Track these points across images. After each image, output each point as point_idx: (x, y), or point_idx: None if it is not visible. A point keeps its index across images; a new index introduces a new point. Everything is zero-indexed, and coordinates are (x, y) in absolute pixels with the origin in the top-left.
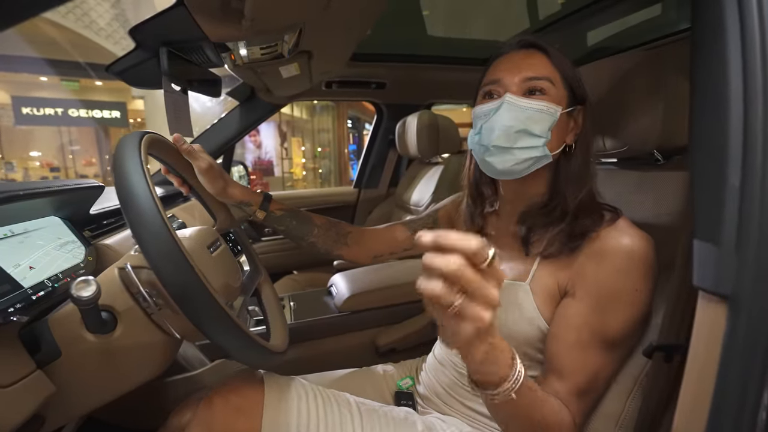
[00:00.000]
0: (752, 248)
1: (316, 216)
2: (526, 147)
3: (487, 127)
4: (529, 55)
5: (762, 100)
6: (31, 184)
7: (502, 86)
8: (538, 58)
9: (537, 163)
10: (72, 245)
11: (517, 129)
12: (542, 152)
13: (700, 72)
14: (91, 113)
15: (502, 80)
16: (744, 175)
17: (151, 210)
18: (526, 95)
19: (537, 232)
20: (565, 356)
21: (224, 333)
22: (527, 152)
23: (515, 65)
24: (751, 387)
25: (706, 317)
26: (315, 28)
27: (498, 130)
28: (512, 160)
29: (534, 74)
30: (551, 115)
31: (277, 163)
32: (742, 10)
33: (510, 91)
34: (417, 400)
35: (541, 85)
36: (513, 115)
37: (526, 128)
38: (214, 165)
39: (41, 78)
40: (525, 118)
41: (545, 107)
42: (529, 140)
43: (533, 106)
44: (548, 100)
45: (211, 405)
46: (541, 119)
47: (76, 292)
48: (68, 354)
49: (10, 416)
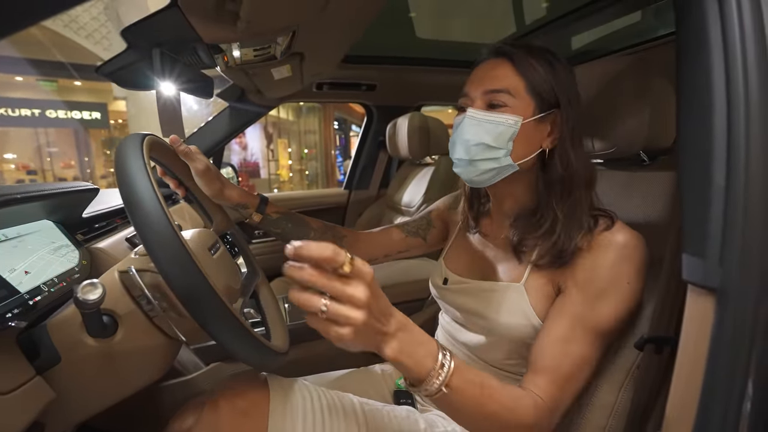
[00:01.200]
0: (737, 242)
1: (311, 219)
2: (485, 159)
3: (452, 141)
4: (496, 65)
5: (744, 103)
6: (26, 186)
7: (470, 99)
8: (502, 68)
9: (501, 173)
10: (66, 249)
11: (474, 143)
12: (504, 162)
13: (685, 76)
14: (70, 114)
15: (469, 94)
16: (728, 175)
17: (158, 213)
18: (487, 108)
19: (528, 240)
20: (549, 348)
21: (231, 334)
22: (487, 164)
23: (480, 78)
24: (738, 377)
25: (695, 310)
26: (308, 31)
27: (459, 144)
28: (474, 172)
29: (493, 87)
30: (510, 127)
31: (263, 165)
32: (724, 18)
33: (474, 105)
34: (416, 398)
35: (499, 98)
36: (473, 129)
37: (482, 141)
38: (211, 167)
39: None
40: (482, 132)
41: (503, 119)
42: (488, 152)
43: (492, 120)
44: (509, 112)
45: (216, 408)
46: (499, 132)
47: (82, 295)
48: (68, 359)
49: (11, 424)
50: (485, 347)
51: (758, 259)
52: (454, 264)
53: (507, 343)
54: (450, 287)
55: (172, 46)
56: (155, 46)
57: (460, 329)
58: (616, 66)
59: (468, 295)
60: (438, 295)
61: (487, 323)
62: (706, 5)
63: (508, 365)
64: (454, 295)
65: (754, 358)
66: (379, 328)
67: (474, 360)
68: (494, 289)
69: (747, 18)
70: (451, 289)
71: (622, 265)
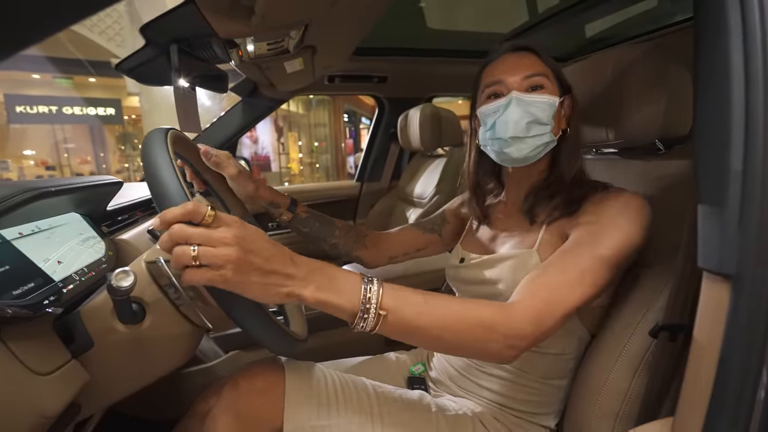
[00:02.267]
0: (754, 229)
1: (336, 219)
2: (537, 135)
3: (501, 122)
4: (523, 56)
5: (763, 88)
6: (56, 180)
7: (505, 86)
8: (531, 58)
9: (546, 148)
10: (93, 240)
11: (527, 120)
12: (550, 138)
13: (703, 62)
14: (85, 111)
15: (505, 80)
16: (746, 160)
17: None
18: (528, 91)
19: (540, 204)
20: (539, 269)
21: (254, 321)
22: (538, 139)
23: (513, 66)
24: (753, 364)
25: (710, 297)
26: (320, 24)
27: (512, 123)
28: (527, 148)
29: (530, 72)
30: (552, 105)
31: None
32: (744, 2)
33: (514, 89)
34: (429, 384)
35: (539, 81)
36: (522, 108)
37: (535, 118)
38: (243, 169)
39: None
40: (533, 110)
41: (546, 99)
42: (539, 128)
43: (538, 100)
44: (547, 93)
45: (236, 387)
46: (545, 109)
47: (116, 282)
48: (100, 344)
49: (52, 403)
50: None
51: None
52: (470, 246)
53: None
54: (466, 264)
55: (188, 42)
56: (172, 42)
57: None
58: (630, 54)
59: (483, 268)
60: (453, 275)
61: (498, 289)
62: None
63: None
64: (470, 270)
65: None
66: (273, 268)
67: None
68: (509, 257)
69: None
70: (467, 266)
71: (625, 212)
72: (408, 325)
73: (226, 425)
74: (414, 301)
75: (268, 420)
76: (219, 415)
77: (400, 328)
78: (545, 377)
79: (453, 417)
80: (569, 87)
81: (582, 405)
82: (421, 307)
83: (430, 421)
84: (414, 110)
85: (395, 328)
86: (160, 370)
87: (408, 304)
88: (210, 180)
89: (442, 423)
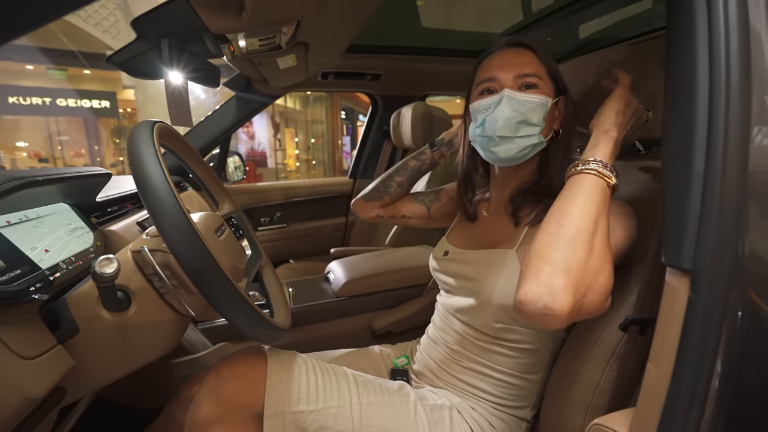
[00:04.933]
0: (713, 227)
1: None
2: (525, 135)
3: (491, 119)
4: (520, 53)
5: (725, 96)
6: (45, 170)
7: (499, 83)
8: (527, 55)
9: (534, 149)
10: (81, 231)
11: (517, 120)
12: (539, 139)
13: (673, 69)
14: (79, 103)
15: (498, 77)
16: (707, 162)
17: (169, 197)
18: (521, 90)
19: (526, 206)
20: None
21: (234, 307)
22: (527, 140)
23: (508, 63)
24: (708, 355)
25: (671, 291)
26: (312, 20)
27: (501, 121)
28: (515, 149)
29: (525, 71)
30: (544, 106)
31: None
32: (711, 15)
33: (507, 86)
34: (411, 376)
35: (533, 80)
36: (513, 107)
37: (525, 119)
38: None
39: (27, 66)
40: (524, 110)
41: (538, 99)
42: (528, 129)
43: (529, 99)
44: (540, 93)
45: (219, 373)
46: (536, 110)
47: (99, 269)
48: (86, 331)
49: (37, 386)
50: (474, 309)
51: (732, 243)
52: (455, 240)
53: (494, 306)
54: (449, 257)
55: (180, 36)
56: (164, 36)
57: (452, 297)
58: (612, 58)
59: (464, 263)
60: (437, 267)
61: (476, 285)
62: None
63: (495, 329)
64: (452, 264)
65: (724, 337)
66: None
67: (464, 325)
68: (489, 256)
69: (732, 13)
70: (449, 258)
71: (613, 217)
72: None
73: (209, 409)
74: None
75: (249, 404)
76: (202, 400)
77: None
78: (522, 372)
79: (431, 405)
80: (565, 88)
81: (556, 397)
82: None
83: (408, 407)
84: (406, 108)
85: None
86: (145, 357)
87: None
88: (198, 173)
89: (420, 410)
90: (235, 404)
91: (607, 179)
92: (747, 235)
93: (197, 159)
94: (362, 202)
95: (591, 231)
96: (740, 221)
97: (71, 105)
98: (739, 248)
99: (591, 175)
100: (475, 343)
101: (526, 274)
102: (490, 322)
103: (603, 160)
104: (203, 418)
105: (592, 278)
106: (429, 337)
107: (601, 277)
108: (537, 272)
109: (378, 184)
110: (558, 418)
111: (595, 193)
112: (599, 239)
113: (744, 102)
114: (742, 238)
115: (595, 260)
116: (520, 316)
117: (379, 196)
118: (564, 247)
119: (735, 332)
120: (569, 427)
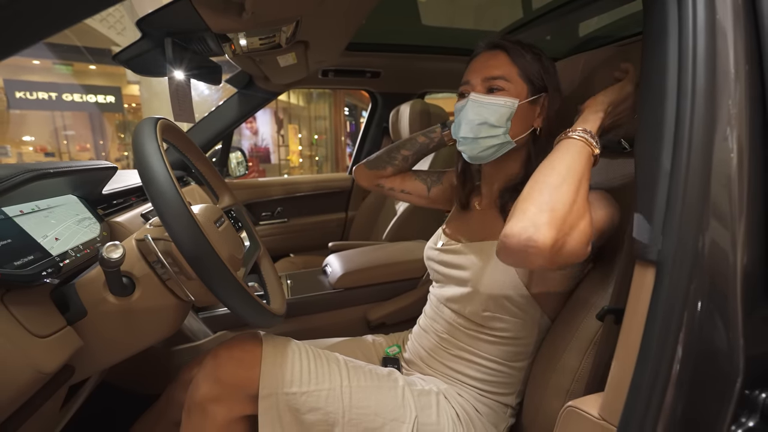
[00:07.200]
0: (676, 221)
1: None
2: (488, 136)
3: (457, 122)
4: (492, 56)
5: (690, 100)
6: (56, 163)
7: (471, 86)
8: (499, 58)
9: (501, 149)
10: (88, 221)
11: (478, 122)
12: (503, 140)
13: (646, 71)
14: (85, 98)
15: (471, 81)
16: (674, 160)
17: (171, 189)
18: (487, 93)
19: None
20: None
21: (231, 292)
22: (489, 141)
23: (481, 66)
24: (669, 342)
25: (638, 282)
26: (312, 19)
27: (464, 124)
28: (478, 148)
29: (492, 74)
30: (508, 108)
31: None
32: (681, 22)
33: (475, 90)
34: (402, 364)
35: (497, 83)
36: (475, 110)
37: (485, 121)
38: None
39: (33, 61)
40: (485, 112)
41: (502, 102)
42: (490, 130)
43: (492, 102)
44: (506, 95)
45: (216, 356)
46: (499, 112)
47: (106, 254)
48: (93, 313)
49: (49, 362)
50: (463, 298)
51: (693, 237)
52: (450, 230)
53: (483, 295)
54: (442, 248)
55: (183, 35)
56: (167, 36)
57: (443, 287)
58: (598, 58)
59: (456, 254)
60: (429, 256)
61: (466, 275)
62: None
63: (483, 317)
64: (444, 255)
65: (685, 326)
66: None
67: (453, 313)
68: (480, 248)
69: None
70: (443, 249)
71: (595, 201)
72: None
73: (207, 389)
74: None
75: (245, 386)
76: (201, 381)
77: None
78: (508, 359)
79: (419, 390)
80: (545, 86)
81: (539, 383)
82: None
83: (396, 392)
84: (404, 106)
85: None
86: (148, 339)
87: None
88: (199, 168)
89: (407, 394)
90: (232, 385)
91: (593, 147)
92: (708, 229)
93: (198, 154)
94: (364, 169)
95: (575, 184)
96: (702, 217)
97: (77, 100)
98: (700, 242)
99: (579, 141)
100: (463, 332)
101: (513, 214)
102: (478, 311)
103: (591, 131)
104: (201, 398)
105: (575, 220)
106: (420, 327)
107: (583, 223)
108: (523, 211)
109: (383, 154)
110: (539, 403)
111: (581, 156)
112: (581, 196)
113: (709, 105)
114: (703, 233)
115: (578, 206)
116: (505, 252)
117: (383, 165)
118: (550, 191)
119: (695, 321)
120: (549, 411)
